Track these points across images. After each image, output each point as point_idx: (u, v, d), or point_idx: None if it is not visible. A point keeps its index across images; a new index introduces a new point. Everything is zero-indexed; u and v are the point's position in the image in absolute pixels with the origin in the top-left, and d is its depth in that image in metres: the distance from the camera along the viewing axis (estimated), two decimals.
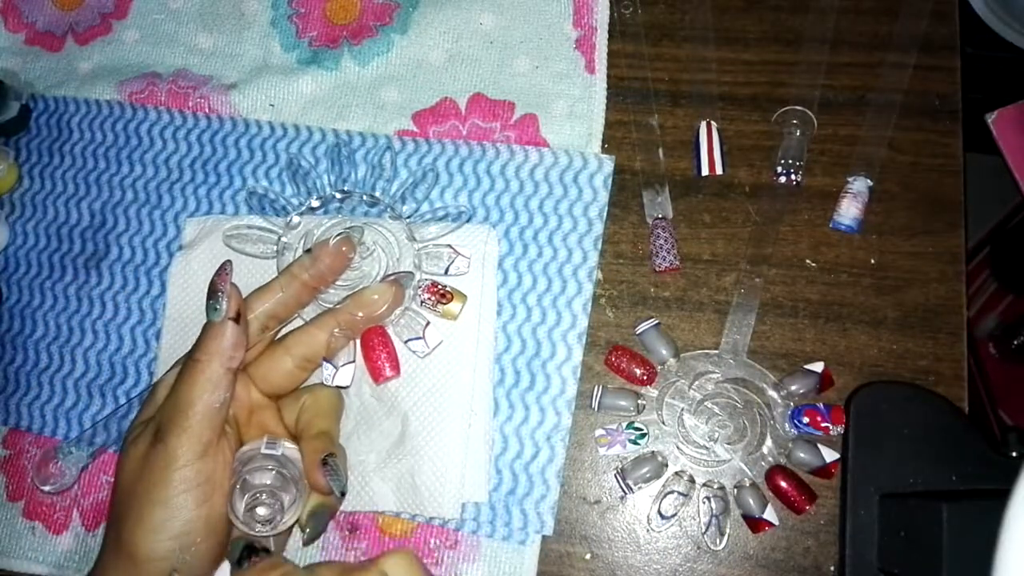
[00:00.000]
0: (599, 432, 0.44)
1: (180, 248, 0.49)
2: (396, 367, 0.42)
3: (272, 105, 0.52)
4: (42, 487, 0.44)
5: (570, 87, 0.50)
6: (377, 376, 0.42)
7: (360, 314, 0.40)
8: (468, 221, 0.46)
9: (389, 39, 0.52)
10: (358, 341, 0.42)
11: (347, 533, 0.44)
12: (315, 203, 0.45)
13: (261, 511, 0.36)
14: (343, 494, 0.38)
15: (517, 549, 0.43)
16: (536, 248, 0.47)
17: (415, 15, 0.53)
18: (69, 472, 0.44)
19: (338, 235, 0.42)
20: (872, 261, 0.46)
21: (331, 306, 0.41)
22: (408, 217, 0.45)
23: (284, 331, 0.42)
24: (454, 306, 0.43)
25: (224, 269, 0.38)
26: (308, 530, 0.38)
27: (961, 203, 0.46)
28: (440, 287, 0.43)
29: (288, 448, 0.38)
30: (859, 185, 0.46)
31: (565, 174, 0.47)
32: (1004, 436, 0.41)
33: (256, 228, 0.46)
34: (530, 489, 0.43)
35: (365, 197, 0.45)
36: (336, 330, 0.40)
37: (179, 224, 0.50)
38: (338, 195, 0.45)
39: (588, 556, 0.43)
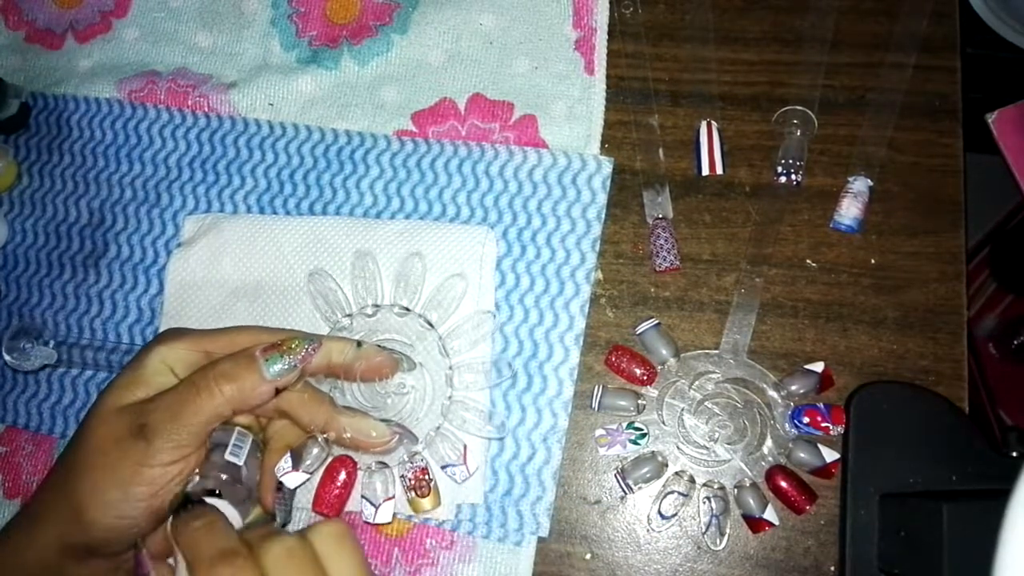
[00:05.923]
0: (599, 432, 0.44)
1: (179, 246, 0.49)
2: (338, 510, 0.41)
3: (271, 104, 0.52)
4: (5, 354, 0.44)
5: (569, 88, 0.50)
6: (319, 503, 0.40)
7: (349, 435, 0.38)
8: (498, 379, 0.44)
9: (389, 39, 0.52)
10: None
11: None
12: (343, 320, 0.43)
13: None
14: (284, 525, 0.38)
15: (513, 550, 0.43)
16: (534, 249, 0.47)
17: (415, 15, 0.53)
18: (33, 359, 0.44)
19: (391, 350, 0.40)
20: (872, 261, 0.46)
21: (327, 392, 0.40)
22: (440, 333, 0.43)
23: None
24: (425, 502, 0.41)
25: (311, 349, 0.37)
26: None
27: (961, 203, 0.46)
28: (427, 479, 0.41)
29: (252, 448, 0.38)
30: (859, 185, 0.46)
31: (564, 175, 0.47)
32: (1004, 436, 0.41)
33: (325, 300, 0.44)
34: (526, 490, 0.43)
35: (396, 309, 0.43)
36: (321, 435, 0.38)
37: (178, 222, 0.50)
38: (368, 310, 0.43)
39: (588, 556, 0.43)
